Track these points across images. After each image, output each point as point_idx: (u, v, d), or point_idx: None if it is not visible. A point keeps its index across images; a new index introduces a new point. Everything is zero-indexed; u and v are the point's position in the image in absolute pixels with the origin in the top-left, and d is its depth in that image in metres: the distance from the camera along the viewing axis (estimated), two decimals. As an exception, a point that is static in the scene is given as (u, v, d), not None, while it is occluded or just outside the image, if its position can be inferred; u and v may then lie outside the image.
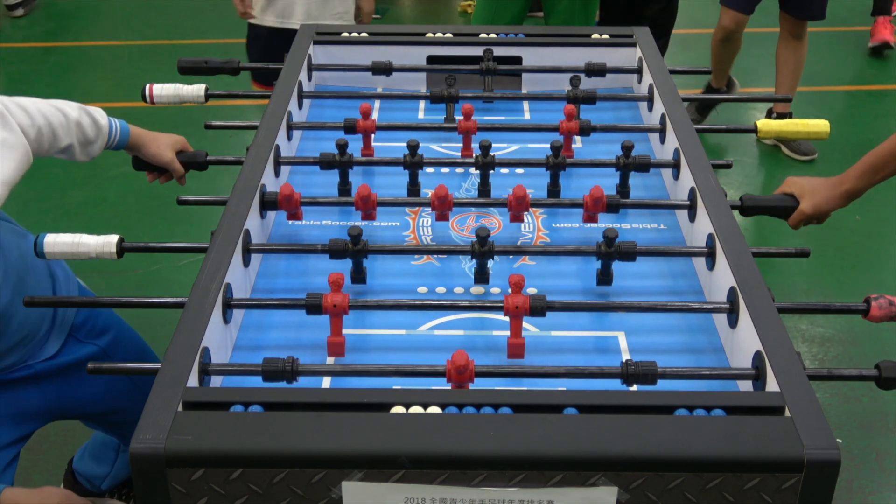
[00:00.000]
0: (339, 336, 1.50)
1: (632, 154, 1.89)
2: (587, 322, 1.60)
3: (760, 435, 1.19)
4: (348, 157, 1.90)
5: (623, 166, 1.90)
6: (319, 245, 1.65)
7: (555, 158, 1.89)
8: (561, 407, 1.24)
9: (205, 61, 2.38)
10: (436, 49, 2.41)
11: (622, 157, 1.89)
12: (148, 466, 1.17)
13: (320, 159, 1.91)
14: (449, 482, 1.17)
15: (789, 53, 4.26)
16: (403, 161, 1.90)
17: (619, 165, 1.90)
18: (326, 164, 1.90)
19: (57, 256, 1.65)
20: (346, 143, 1.91)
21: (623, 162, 1.90)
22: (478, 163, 1.90)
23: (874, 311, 1.49)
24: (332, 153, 1.91)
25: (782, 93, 4.20)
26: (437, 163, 1.99)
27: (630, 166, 1.90)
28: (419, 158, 1.89)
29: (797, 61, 4.26)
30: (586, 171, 2.00)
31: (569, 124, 2.03)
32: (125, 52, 5.60)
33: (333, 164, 1.90)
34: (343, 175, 1.92)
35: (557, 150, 1.89)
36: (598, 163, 1.97)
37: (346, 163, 1.90)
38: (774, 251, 1.79)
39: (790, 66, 4.25)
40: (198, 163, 2.04)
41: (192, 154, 2.05)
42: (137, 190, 3.96)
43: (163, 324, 3.05)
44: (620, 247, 1.61)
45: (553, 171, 1.90)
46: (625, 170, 1.90)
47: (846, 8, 5.80)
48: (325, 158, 1.90)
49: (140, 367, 1.44)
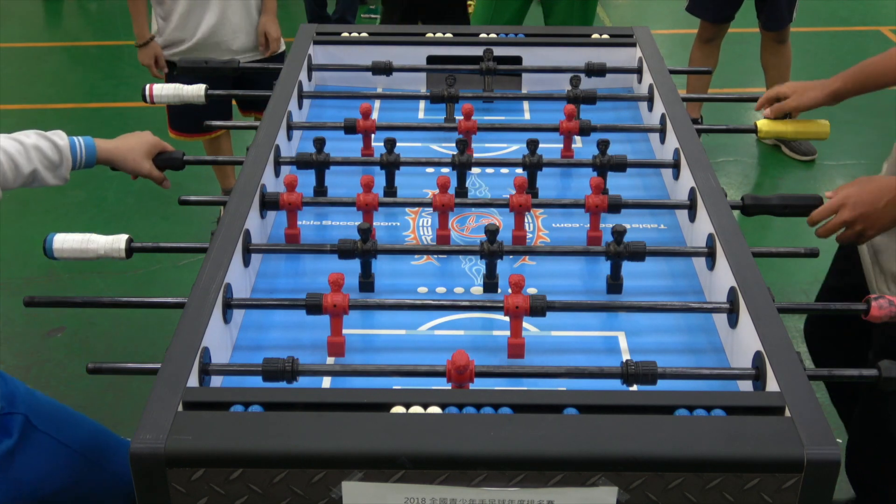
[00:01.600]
0: (340, 336, 1.50)
1: (608, 154, 1.90)
2: (587, 322, 1.60)
3: (760, 435, 1.19)
4: (325, 157, 1.89)
5: (600, 165, 1.90)
6: (329, 245, 1.65)
7: (531, 157, 1.89)
8: (561, 407, 1.24)
9: (205, 61, 2.38)
10: (436, 49, 2.41)
11: (599, 157, 1.90)
12: (148, 466, 1.17)
13: (297, 159, 1.90)
14: (449, 482, 1.17)
15: (776, 59, 4.27)
16: (380, 161, 1.90)
17: (597, 165, 1.90)
18: (303, 163, 1.90)
19: (66, 256, 1.65)
20: (324, 141, 1.91)
21: (600, 161, 1.90)
22: (454, 162, 1.90)
23: (874, 311, 1.49)
24: (308, 152, 1.91)
25: None
26: (425, 163, 1.97)
27: (608, 166, 1.90)
28: (396, 157, 1.89)
29: (784, 64, 4.27)
30: (586, 171, 2.00)
31: (569, 124, 2.03)
32: (125, 52, 5.61)
33: (310, 164, 1.90)
34: (319, 176, 1.92)
35: (534, 148, 1.89)
36: (574, 163, 1.98)
37: (322, 162, 1.90)
38: (783, 251, 1.76)
39: (778, 69, 4.26)
40: (175, 165, 1.97)
41: (169, 156, 1.96)
42: (137, 190, 3.96)
43: (163, 324, 3.06)
44: (630, 246, 1.61)
45: (530, 170, 1.91)
46: (602, 169, 1.90)
47: (847, 8, 5.81)
48: (302, 158, 1.90)
49: (140, 368, 1.44)
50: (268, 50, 3.30)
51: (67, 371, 3.01)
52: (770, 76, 4.28)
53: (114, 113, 4.75)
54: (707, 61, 4.20)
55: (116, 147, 1.89)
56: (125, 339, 3.14)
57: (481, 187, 2.00)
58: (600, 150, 1.90)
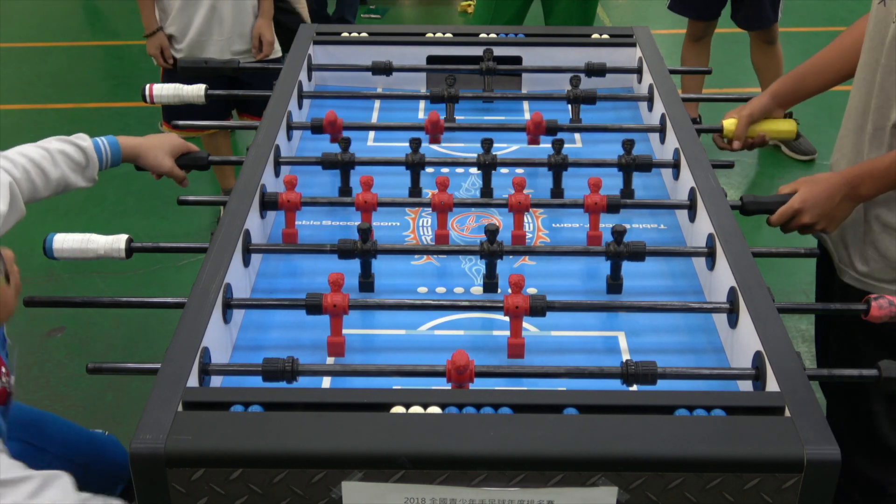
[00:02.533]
0: (339, 336, 1.50)
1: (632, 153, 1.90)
2: (587, 322, 1.60)
3: (760, 435, 1.19)
4: (350, 157, 1.90)
5: (625, 165, 1.90)
6: (329, 245, 1.65)
7: (556, 157, 1.89)
8: (561, 407, 1.24)
9: (205, 61, 2.38)
10: (436, 49, 2.41)
11: (624, 157, 1.90)
12: (148, 466, 1.17)
13: (322, 159, 1.91)
14: (449, 482, 1.17)
15: (767, 60, 4.25)
16: (405, 161, 1.90)
17: (622, 165, 1.91)
18: (328, 163, 1.90)
19: (66, 256, 1.65)
20: (349, 141, 1.91)
21: (625, 161, 1.90)
22: (480, 163, 1.90)
23: (874, 311, 1.48)
24: (334, 152, 1.91)
25: None
26: (438, 163, 1.99)
27: (632, 166, 1.90)
28: (421, 157, 1.89)
29: (776, 65, 4.25)
30: (586, 171, 2.00)
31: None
32: (125, 52, 5.61)
33: (336, 164, 1.90)
34: (344, 175, 1.92)
35: (559, 147, 1.89)
36: (599, 162, 1.97)
37: (347, 162, 1.90)
38: (783, 251, 1.77)
39: (771, 71, 4.24)
40: (200, 165, 2.00)
41: (194, 157, 1.99)
42: (137, 190, 3.96)
43: (163, 324, 3.06)
44: (630, 246, 1.61)
45: (555, 170, 1.91)
46: (627, 169, 1.91)
47: (846, 8, 5.81)
48: (327, 158, 1.90)
49: (140, 368, 1.44)
50: (260, 53, 3.31)
51: (67, 371, 3.01)
52: (763, 78, 4.26)
53: (114, 113, 4.75)
54: (698, 60, 4.19)
55: (140, 143, 1.90)
56: (125, 339, 3.14)
57: (481, 187, 2.00)
58: (625, 150, 1.91)
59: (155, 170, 1.95)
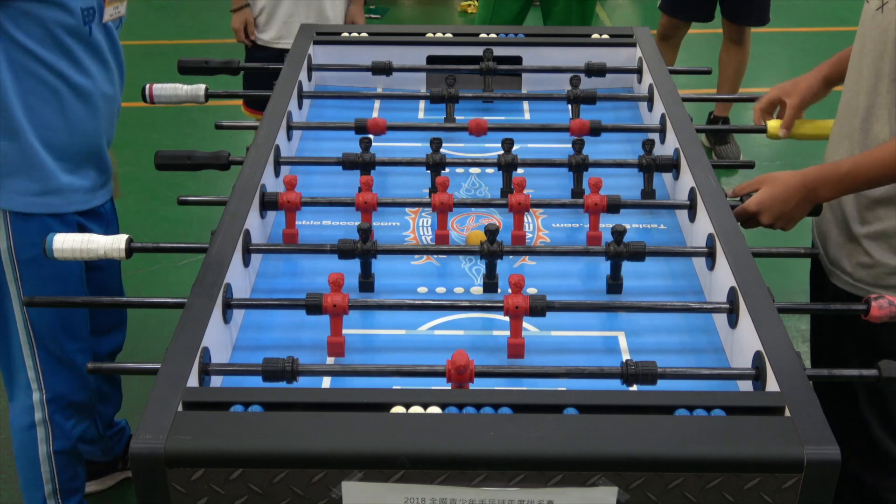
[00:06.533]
0: (339, 336, 1.50)
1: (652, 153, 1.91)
2: (587, 322, 1.60)
3: (760, 435, 1.19)
4: (371, 157, 1.89)
5: (646, 166, 1.91)
6: (329, 245, 1.65)
7: (576, 157, 1.89)
8: (561, 407, 1.24)
9: (205, 61, 2.38)
10: (436, 49, 2.41)
11: (645, 157, 1.91)
12: (148, 466, 1.17)
13: (342, 159, 1.90)
14: (449, 482, 1.17)
15: (730, 58, 4.28)
16: (426, 161, 1.90)
17: (642, 165, 1.91)
18: (349, 164, 1.90)
19: (66, 256, 1.65)
20: (370, 141, 1.91)
21: (646, 161, 1.90)
22: (500, 163, 1.90)
23: (874, 311, 1.48)
24: (354, 153, 1.90)
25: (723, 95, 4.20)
26: (450, 163, 1.98)
27: (653, 166, 1.91)
28: (441, 157, 1.89)
29: (738, 66, 4.28)
30: (589, 171, 2.00)
31: (580, 123, 2.04)
32: (125, 52, 5.60)
33: (356, 164, 1.90)
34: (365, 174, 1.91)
35: (580, 147, 1.89)
36: (620, 163, 1.97)
37: (369, 163, 1.90)
38: (783, 251, 1.77)
39: (731, 69, 4.27)
40: (220, 164, 1.97)
41: (215, 156, 1.96)
42: (137, 190, 3.96)
43: (163, 324, 3.07)
44: (630, 246, 1.61)
45: (576, 171, 1.91)
46: (647, 169, 1.91)
47: (846, 8, 5.81)
48: (348, 158, 1.90)
49: (140, 368, 1.44)
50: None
51: (67, 371, 3.01)
52: (723, 76, 4.29)
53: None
54: (666, 60, 4.23)
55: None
56: (125, 339, 3.14)
57: (481, 187, 2.00)
58: (646, 150, 1.91)
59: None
